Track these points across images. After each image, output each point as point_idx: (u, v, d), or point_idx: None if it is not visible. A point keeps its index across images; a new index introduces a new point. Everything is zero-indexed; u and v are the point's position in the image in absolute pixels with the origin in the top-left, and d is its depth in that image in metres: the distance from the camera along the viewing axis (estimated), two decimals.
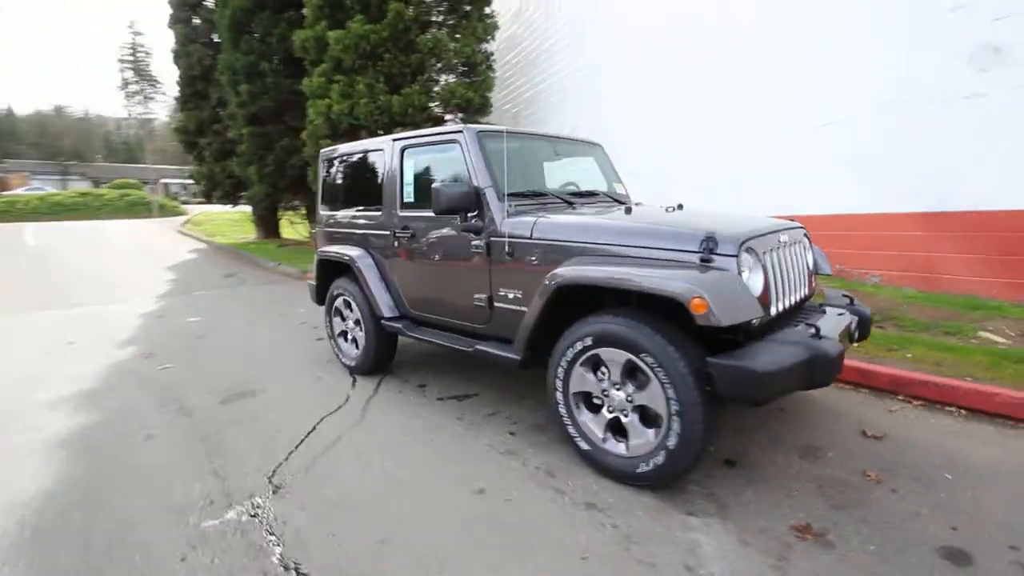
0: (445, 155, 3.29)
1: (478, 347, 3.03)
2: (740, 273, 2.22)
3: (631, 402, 2.34)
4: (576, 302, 2.57)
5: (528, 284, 2.78)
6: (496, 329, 3.03)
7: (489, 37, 9.55)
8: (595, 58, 8.82)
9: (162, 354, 4.68)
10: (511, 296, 2.90)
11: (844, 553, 1.92)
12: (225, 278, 9.40)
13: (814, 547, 1.96)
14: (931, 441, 2.76)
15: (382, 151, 3.69)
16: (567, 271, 2.46)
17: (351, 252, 3.85)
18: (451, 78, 9.36)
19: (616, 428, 2.44)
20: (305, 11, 9.52)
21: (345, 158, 4.13)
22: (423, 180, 3.45)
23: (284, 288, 8.31)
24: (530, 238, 2.78)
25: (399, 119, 8.95)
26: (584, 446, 2.50)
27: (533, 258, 2.76)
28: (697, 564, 1.89)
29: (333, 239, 4.19)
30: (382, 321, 3.67)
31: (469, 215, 2.96)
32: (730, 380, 2.01)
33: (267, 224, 14.51)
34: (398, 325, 3.58)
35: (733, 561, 1.89)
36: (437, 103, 9.30)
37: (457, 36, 9.01)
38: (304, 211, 12.96)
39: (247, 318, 6.21)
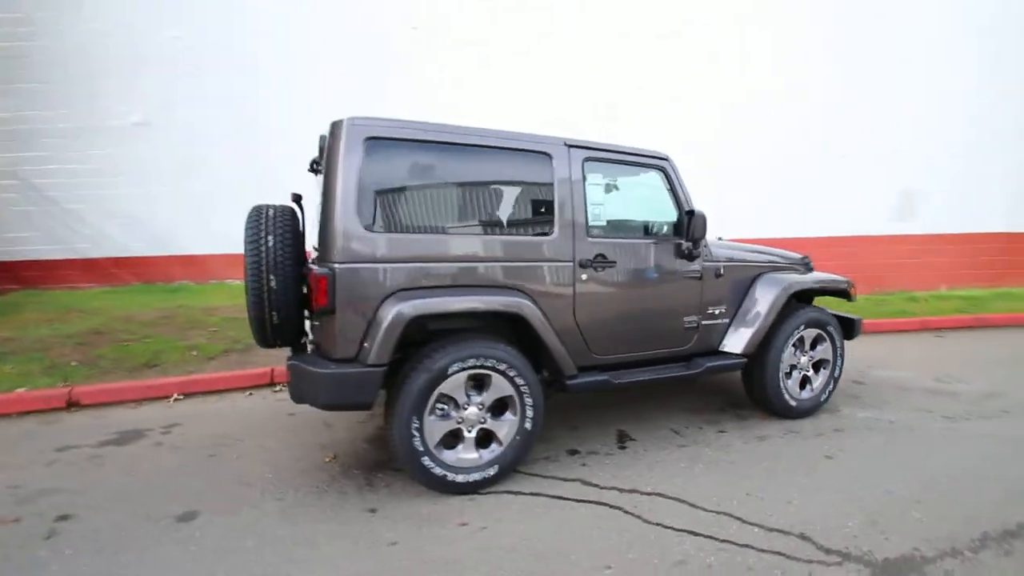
0: (635, 178, 3.07)
1: (709, 365, 3.21)
2: None
3: (811, 360, 3.62)
4: None
5: (729, 298, 3.40)
6: (698, 346, 3.31)
7: None
8: None
9: None
10: (717, 312, 3.34)
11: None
12: None
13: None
14: None
15: (547, 156, 2.73)
16: (797, 279, 3.45)
17: (511, 298, 2.56)
18: None
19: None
20: None
21: (438, 144, 2.56)
22: (609, 201, 2.96)
23: None
24: (733, 260, 3.38)
25: None
26: (793, 403, 3.52)
27: (738, 275, 3.41)
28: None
29: (402, 281, 2.44)
30: (568, 382, 2.76)
31: (695, 241, 3.10)
32: (858, 329, 3.76)
33: None
34: (601, 378, 2.86)
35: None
36: None
37: None
38: None
39: None
